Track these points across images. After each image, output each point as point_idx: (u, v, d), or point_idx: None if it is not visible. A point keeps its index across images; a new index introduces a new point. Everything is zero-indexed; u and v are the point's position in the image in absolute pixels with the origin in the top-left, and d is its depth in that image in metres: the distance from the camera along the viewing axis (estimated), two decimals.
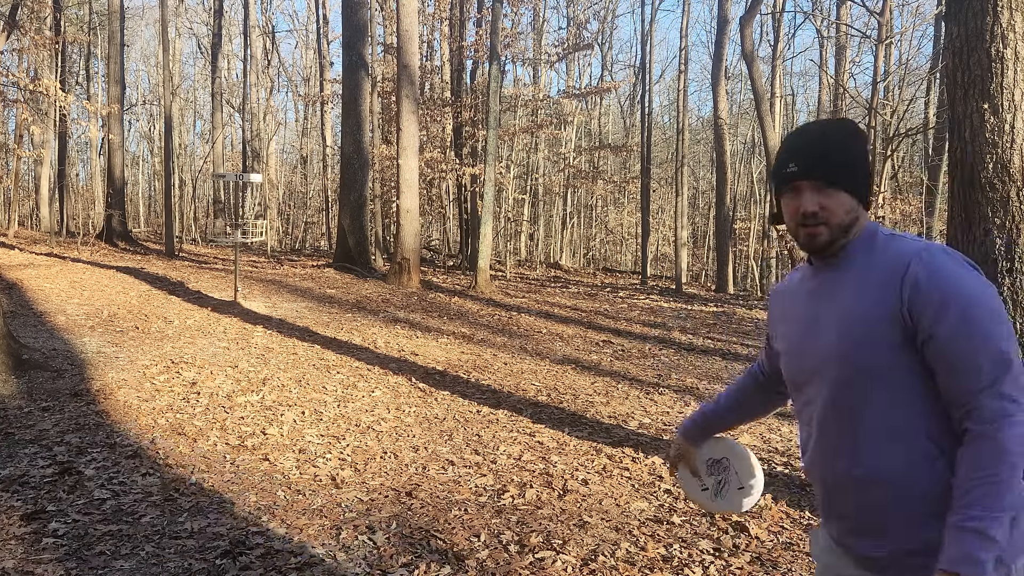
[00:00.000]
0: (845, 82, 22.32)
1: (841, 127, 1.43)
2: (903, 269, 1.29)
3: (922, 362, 1.27)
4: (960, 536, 1.16)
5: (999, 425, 1.18)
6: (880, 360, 1.29)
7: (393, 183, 18.10)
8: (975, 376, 1.21)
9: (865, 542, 1.34)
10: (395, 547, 3.21)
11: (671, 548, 3.29)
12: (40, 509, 3.44)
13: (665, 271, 27.88)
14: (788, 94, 30.78)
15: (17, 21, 10.42)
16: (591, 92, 22.49)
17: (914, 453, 1.27)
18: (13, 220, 22.75)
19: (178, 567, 2.96)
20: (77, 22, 27.92)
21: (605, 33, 31.81)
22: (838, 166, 1.38)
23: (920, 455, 1.27)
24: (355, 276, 14.06)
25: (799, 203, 1.40)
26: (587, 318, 10.87)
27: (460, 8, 21.01)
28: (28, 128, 22.73)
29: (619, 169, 31.17)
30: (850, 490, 1.34)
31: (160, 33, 22.12)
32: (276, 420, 5.06)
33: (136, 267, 13.93)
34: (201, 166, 31.55)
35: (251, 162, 25.39)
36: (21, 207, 28.29)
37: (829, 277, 1.43)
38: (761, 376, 1.78)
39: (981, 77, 3.26)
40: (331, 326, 8.83)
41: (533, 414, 5.50)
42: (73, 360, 6.39)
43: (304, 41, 34.81)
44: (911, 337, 1.27)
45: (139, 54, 38.92)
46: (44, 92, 13.92)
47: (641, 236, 22.99)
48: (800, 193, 1.40)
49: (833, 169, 1.38)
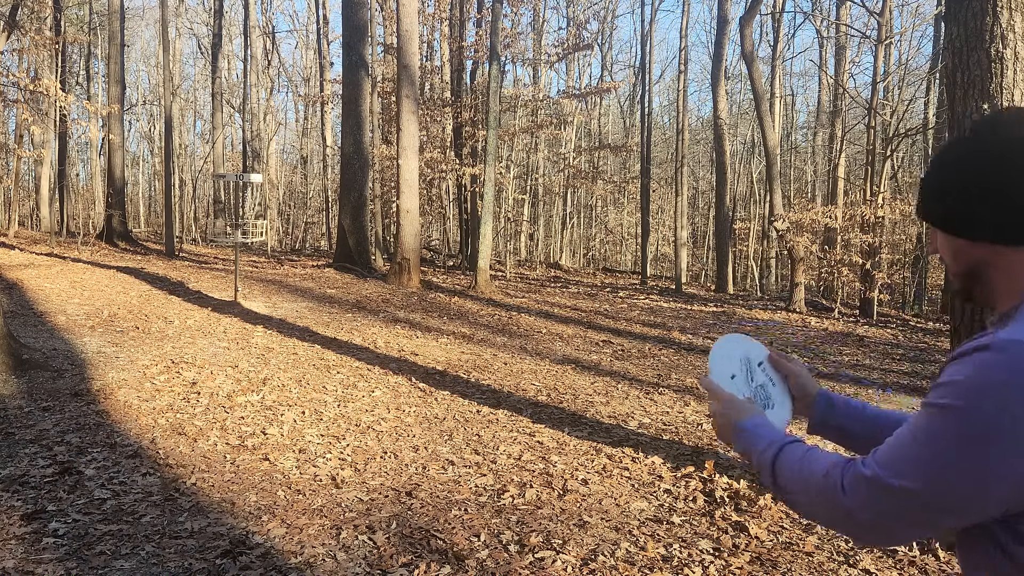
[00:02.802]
0: (845, 82, 22.31)
1: (953, 145, 1.08)
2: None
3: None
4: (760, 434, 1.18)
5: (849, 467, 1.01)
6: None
7: (393, 183, 18.10)
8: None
9: None
10: (395, 547, 3.21)
11: (671, 548, 3.29)
12: (40, 509, 3.44)
13: (665, 271, 27.88)
14: (788, 94, 30.79)
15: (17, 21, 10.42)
16: (591, 92, 22.46)
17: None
18: (13, 220, 22.75)
19: (178, 567, 2.96)
20: (77, 22, 27.92)
21: (605, 33, 31.82)
22: (926, 198, 1.09)
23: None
24: (355, 276, 14.06)
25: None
26: (587, 318, 10.87)
27: (460, 8, 21.01)
28: (28, 128, 22.73)
29: (619, 169, 31.18)
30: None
31: (160, 33, 22.12)
32: (276, 420, 5.06)
33: (136, 267, 13.93)
34: (201, 166, 31.56)
35: (251, 162, 25.39)
36: (21, 207, 28.29)
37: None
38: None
39: (981, 77, 3.26)
40: (331, 326, 8.83)
41: (533, 414, 5.50)
42: (73, 360, 6.40)
43: (304, 41, 34.84)
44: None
45: (139, 54, 38.95)
46: (44, 92, 13.91)
47: (641, 236, 22.99)
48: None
49: (922, 203, 1.10)
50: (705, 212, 32.61)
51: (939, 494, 0.91)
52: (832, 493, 0.99)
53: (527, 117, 21.86)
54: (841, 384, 7.03)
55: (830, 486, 1.00)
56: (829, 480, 1.01)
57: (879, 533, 0.97)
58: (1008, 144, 0.98)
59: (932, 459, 0.91)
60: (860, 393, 6.66)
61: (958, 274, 1.08)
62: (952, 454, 0.89)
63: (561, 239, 28.83)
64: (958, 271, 1.08)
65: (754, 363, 1.39)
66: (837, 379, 7.25)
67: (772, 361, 1.40)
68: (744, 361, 1.39)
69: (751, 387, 1.37)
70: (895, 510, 0.94)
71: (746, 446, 1.19)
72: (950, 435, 0.90)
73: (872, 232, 13.82)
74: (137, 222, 32.60)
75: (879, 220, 13.96)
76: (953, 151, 1.06)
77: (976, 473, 0.88)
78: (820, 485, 1.02)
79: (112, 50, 19.13)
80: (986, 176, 0.99)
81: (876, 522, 0.96)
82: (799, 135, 34.94)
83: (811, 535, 3.47)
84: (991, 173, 0.99)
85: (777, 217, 14.46)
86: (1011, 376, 0.87)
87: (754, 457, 1.17)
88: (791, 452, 1.11)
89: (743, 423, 1.21)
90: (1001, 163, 0.98)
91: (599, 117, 32.48)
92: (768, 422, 1.22)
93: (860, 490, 0.96)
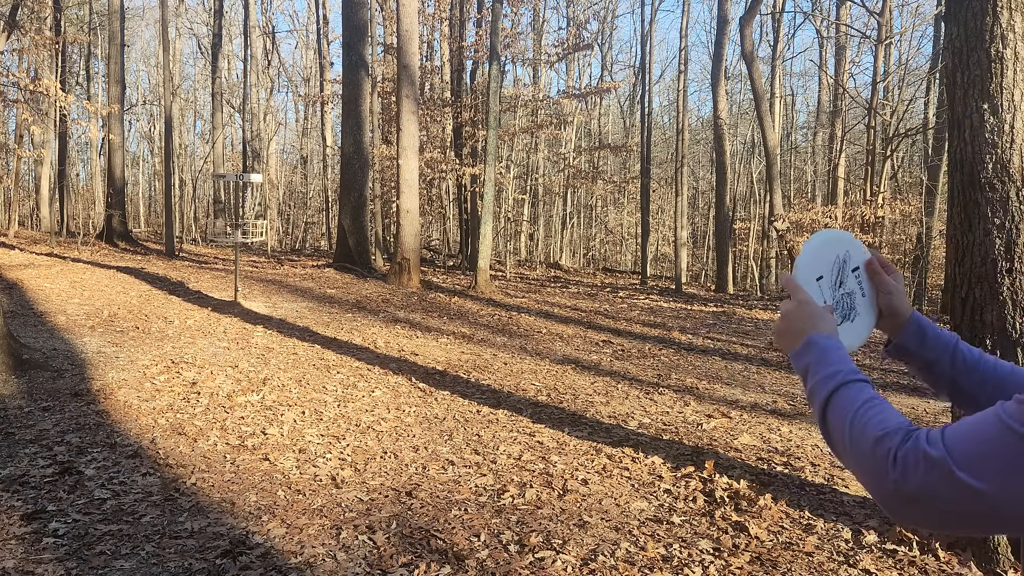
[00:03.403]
0: (845, 82, 22.31)
1: None
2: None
3: None
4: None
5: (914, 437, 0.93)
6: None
7: (393, 183, 18.11)
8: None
9: None
10: (395, 547, 3.21)
11: (671, 548, 3.29)
12: (40, 509, 3.44)
13: (665, 271, 27.89)
14: (788, 94, 30.79)
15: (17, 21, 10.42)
16: (591, 92, 22.46)
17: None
18: (13, 220, 22.75)
19: (178, 567, 2.96)
20: (77, 22, 27.92)
21: (605, 33, 31.82)
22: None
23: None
24: (355, 276, 14.06)
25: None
26: (587, 318, 10.87)
27: (460, 8, 21.01)
28: (28, 128, 22.73)
29: (619, 169, 31.18)
30: None
31: (160, 33, 22.11)
32: (276, 420, 5.06)
33: (136, 267, 13.93)
34: (201, 166, 31.56)
35: (251, 162, 25.39)
36: (21, 207, 28.29)
37: None
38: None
39: (981, 77, 3.25)
40: (331, 326, 8.83)
41: (533, 414, 5.50)
42: (73, 360, 6.40)
43: (304, 41, 34.84)
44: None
45: (139, 54, 38.95)
46: (44, 92, 13.92)
47: (641, 236, 22.99)
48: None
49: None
50: (705, 212, 32.62)
51: (1004, 504, 0.83)
52: (882, 464, 0.89)
53: (527, 117, 21.87)
54: None
55: (881, 455, 0.90)
56: (880, 448, 0.90)
57: (922, 517, 0.88)
58: None
59: (1011, 461, 0.82)
60: None
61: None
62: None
63: (561, 239, 28.83)
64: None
65: (848, 267, 1.22)
66: None
67: (869, 268, 1.23)
68: (837, 263, 1.21)
69: (836, 294, 1.20)
70: (951, 501, 0.85)
71: (807, 365, 1.06)
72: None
73: (872, 232, 13.82)
74: (137, 222, 32.60)
75: (879, 220, 13.97)
76: None
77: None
78: (870, 449, 0.91)
79: (112, 50, 19.13)
80: None
81: (923, 507, 0.87)
82: (799, 135, 34.94)
83: (811, 535, 3.48)
84: None
85: (777, 217, 14.46)
86: None
87: (810, 381, 1.05)
88: (852, 394, 0.99)
89: (814, 337, 1.07)
90: None
91: (599, 117, 32.48)
92: (841, 346, 1.08)
93: (918, 470, 0.86)
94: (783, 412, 5.87)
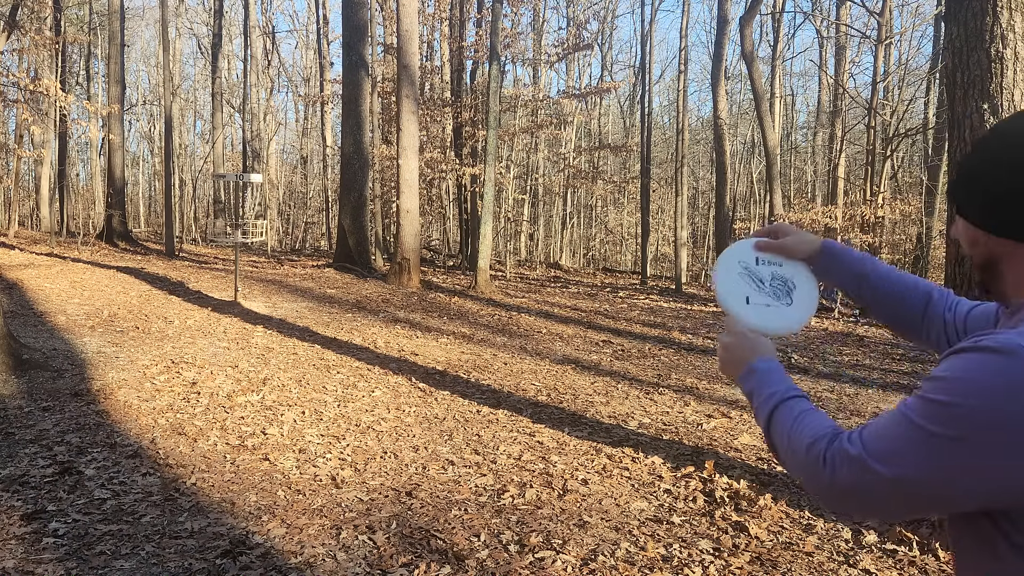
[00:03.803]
0: (845, 82, 22.31)
1: (995, 132, 1.05)
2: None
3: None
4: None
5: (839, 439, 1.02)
6: None
7: (393, 183, 18.11)
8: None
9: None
10: (395, 547, 3.21)
11: (671, 548, 3.29)
12: (40, 509, 3.44)
13: (665, 271, 27.87)
14: (788, 94, 30.80)
15: (17, 21, 10.42)
16: (591, 92, 22.46)
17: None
18: (13, 220, 22.75)
19: (178, 567, 2.96)
20: (77, 22, 27.92)
21: (605, 33, 31.82)
22: (957, 178, 1.09)
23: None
24: (355, 276, 14.06)
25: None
26: (587, 318, 10.87)
27: (460, 8, 21.01)
28: (28, 128, 22.74)
29: (619, 169, 31.18)
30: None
31: (160, 33, 22.11)
32: (276, 420, 5.06)
33: (136, 267, 13.93)
34: (201, 166, 31.56)
35: (251, 162, 25.39)
36: (21, 207, 28.29)
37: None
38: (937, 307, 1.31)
39: (981, 77, 3.26)
40: (331, 326, 8.83)
41: (533, 414, 5.50)
42: (73, 360, 6.40)
43: (304, 41, 34.85)
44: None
45: (139, 54, 38.96)
46: (44, 92, 13.92)
47: (641, 236, 22.99)
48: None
49: (954, 182, 1.10)
50: (705, 212, 32.61)
51: (918, 485, 0.91)
52: (814, 466, 1.00)
53: (527, 117, 21.86)
54: (841, 384, 7.03)
55: (813, 458, 1.01)
56: (812, 452, 1.01)
57: (856, 509, 0.98)
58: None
59: (916, 451, 0.91)
60: (860, 393, 6.66)
61: (975, 265, 1.09)
62: (938, 449, 0.89)
63: (561, 239, 28.83)
64: (975, 262, 1.08)
65: (752, 264, 1.29)
66: (837, 379, 7.25)
67: (762, 249, 1.33)
68: (744, 274, 1.28)
69: (767, 290, 1.27)
70: (875, 492, 0.94)
71: (751, 389, 1.19)
72: (938, 430, 0.89)
73: (872, 232, 13.82)
74: (137, 222, 32.60)
75: (879, 220, 13.97)
76: (993, 140, 1.02)
77: (954, 471, 0.89)
78: (804, 454, 1.03)
79: (112, 50, 19.13)
80: (1011, 173, 0.97)
81: (854, 499, 0.97)
82: (799, 135, 34.95)
83: (811, 535, 3.48)
84: (1014, 172, 0.96)
85: (777, 217, 14.47)
86: (1006, 379, 0.86)
87: (754, 402, 1.17)
88: (787, 410, 1.11)
89: (754, 364, 1.20)
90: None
91: (599, 117, 32.48)
92: (779, 367, 1.19)
93: (843, 467, 0.97)
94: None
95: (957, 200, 1.07)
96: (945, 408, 0.89)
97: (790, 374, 4.39)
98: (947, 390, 0.90)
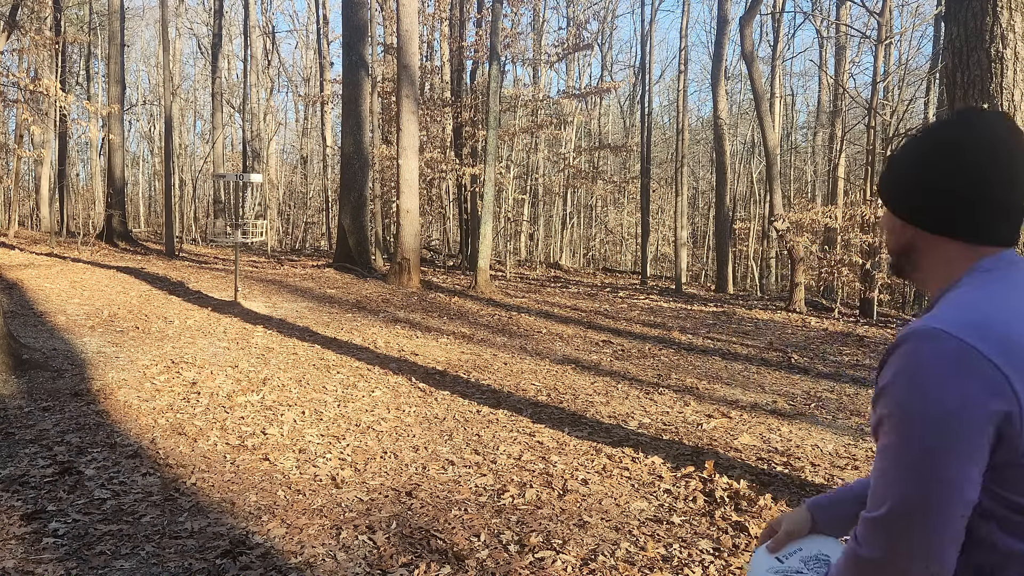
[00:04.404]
0: (845, 82, 22.31)
1: (926, 129, 1.14)
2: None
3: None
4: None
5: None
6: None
7: (393, 183, 18.11)
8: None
9: None
10: (395, 547, 3.21)
11: (671, 548, 3.29)
12: (40, 509, 3.44)
13: (665, 271, 27.88)
14: (788, 94, 30.79)
15: (17, 21, 10.42)
16: (591, 92, 22.46)
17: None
18: (13, 220, 22.74)
19: (178, 567, 2.96)
20: (77, 22, 27.92)
21: (605, 33, 31.82)
22: (884, 169, 1.18)
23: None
24: (355, 276, 14.06)
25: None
26: (587, 318, 10.87)
27: (460, 8, 21.01)
28: (28, 128, 22.73)
29: (619, 169, 31.19)
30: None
31: (160, 33, 22.11)
32: (276, 420, 5.06)
33: (136, 267, 13.93)
34: (201, 166, 31.56)
35: (251, 162, 25.39)
36: (21, 207, 28.29)
37: None
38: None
39: (981, 77, 3.26)
40: (331, 326, 8.83)
41: (533, 414, 5.50)
42: (73, 360, 6.40)
43: (304, 41, 34.85)
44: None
45: (139, 54, 38.96)
46: (44, 92, 13.92)
47: (641, 236, 22.99)
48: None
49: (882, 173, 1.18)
50: (705, 212, 32.61)
51: (918, 503, 0.93)
52: (852, 556, 1.03)
53: (527, 117, 21.87)
54: (841, 384, 7.03)
55: (849, 553, 1.04)
56: (847, 552, 1.05)
57: (898, 566, 0.97)
58: (950, 141, 1.05)
59: (902, 476, 0.95)
60: (860, 393, 6.66)
61: (891, 251, 1.17)
62: (913, 462, 0.94)
63: (561, 239, 28.83)
64: (891, 248, 1.16)
65: (779, 565, 1.30)
66: (837, 379, 7.25)
67: (776, 547, 1.33)
68: (778, 575, 1.31)
69: (808, 574, 1.29)
70: (894, 536, 0.96)
71: None
72: (902, 447, 0.95)
73: (872, 232, 13.82)
74: (137, 222, 32.60)
75: (879, 220, 13.96)
76: (924, 135, 1.11)
77: (937, 470, 0.92)
78: (845, 562, 1.05)
79: (112, 50, 19.13)
80: (925, 165, 1.07)
81: (889, 557, 0.97)
82: (799, 135, 34.94)
83: None
84: (928, 165, 1.07)
85: (777, 217, 14.46)
86: (924, 364, 0.94)
87: None
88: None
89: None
90: (935, 157, 1.06)
91: (599, 117, 32.48)
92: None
93: (867, 535, 0.99)
94: (783, 412, 5.87)
95: (880, 191, 1.16)
96: (897, 422, 0.96)
97: (790, 374, 4.44)
98: (891, 402, 0.98)
